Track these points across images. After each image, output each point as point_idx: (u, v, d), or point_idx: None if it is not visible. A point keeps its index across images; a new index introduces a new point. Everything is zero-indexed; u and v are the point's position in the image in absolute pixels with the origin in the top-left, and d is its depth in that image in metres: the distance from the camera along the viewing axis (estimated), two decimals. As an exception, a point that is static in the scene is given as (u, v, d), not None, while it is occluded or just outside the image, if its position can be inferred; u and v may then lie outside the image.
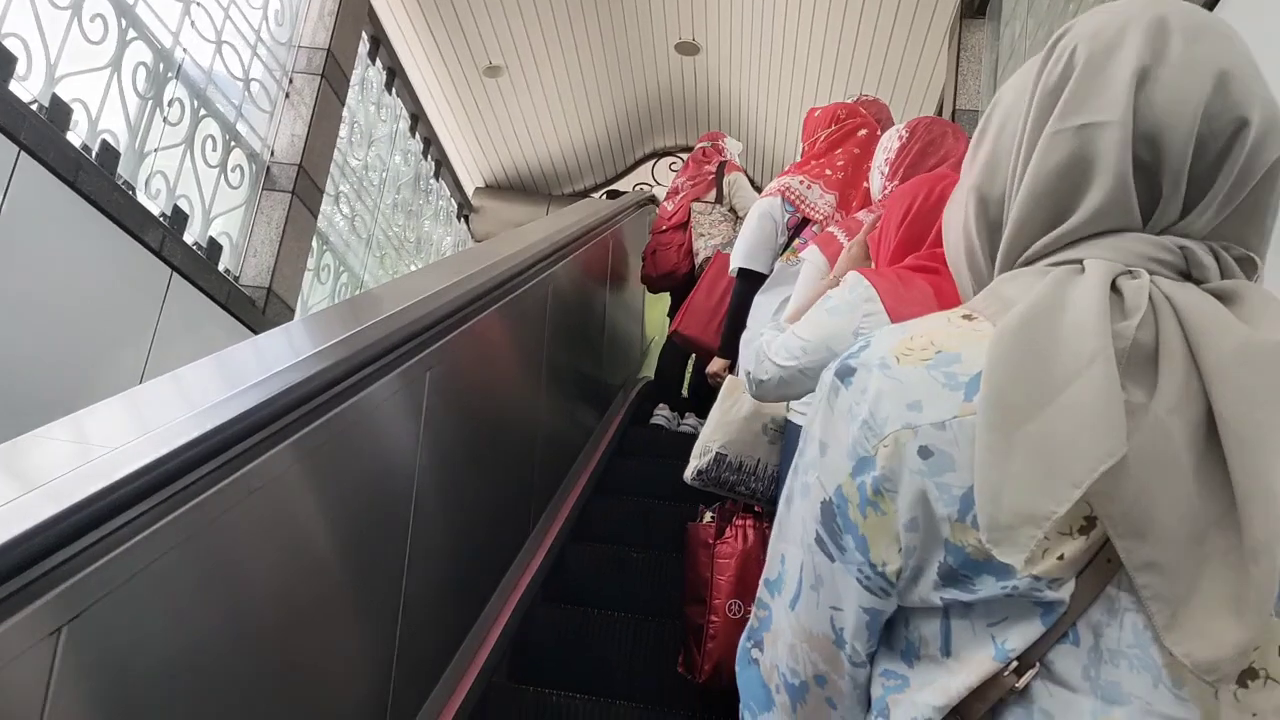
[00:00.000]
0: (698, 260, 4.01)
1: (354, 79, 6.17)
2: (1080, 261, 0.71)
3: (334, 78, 5.55)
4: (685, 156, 9.47)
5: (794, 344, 1.70)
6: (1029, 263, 0.76)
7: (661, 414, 4.50)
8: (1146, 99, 0.71)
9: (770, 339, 1.79)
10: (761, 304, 2.84)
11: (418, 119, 7.18)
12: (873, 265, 1.81)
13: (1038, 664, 0.66)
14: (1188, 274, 0.71)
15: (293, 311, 5.40)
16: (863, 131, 3.03)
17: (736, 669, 0.85)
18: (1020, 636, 0.67)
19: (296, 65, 5.44)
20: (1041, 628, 0.66)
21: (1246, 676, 0.64)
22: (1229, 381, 0.64)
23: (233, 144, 4.92)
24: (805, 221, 2.98)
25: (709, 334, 3.56)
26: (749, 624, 0.84)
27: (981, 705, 0.67)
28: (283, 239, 5.18)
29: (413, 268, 7.47)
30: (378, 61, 6.45)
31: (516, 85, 7.47)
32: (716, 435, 2.24)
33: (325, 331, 1.69)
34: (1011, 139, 0.78)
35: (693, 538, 2.47)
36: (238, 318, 4.74)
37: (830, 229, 2.35)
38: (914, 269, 1.68)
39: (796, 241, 2.91)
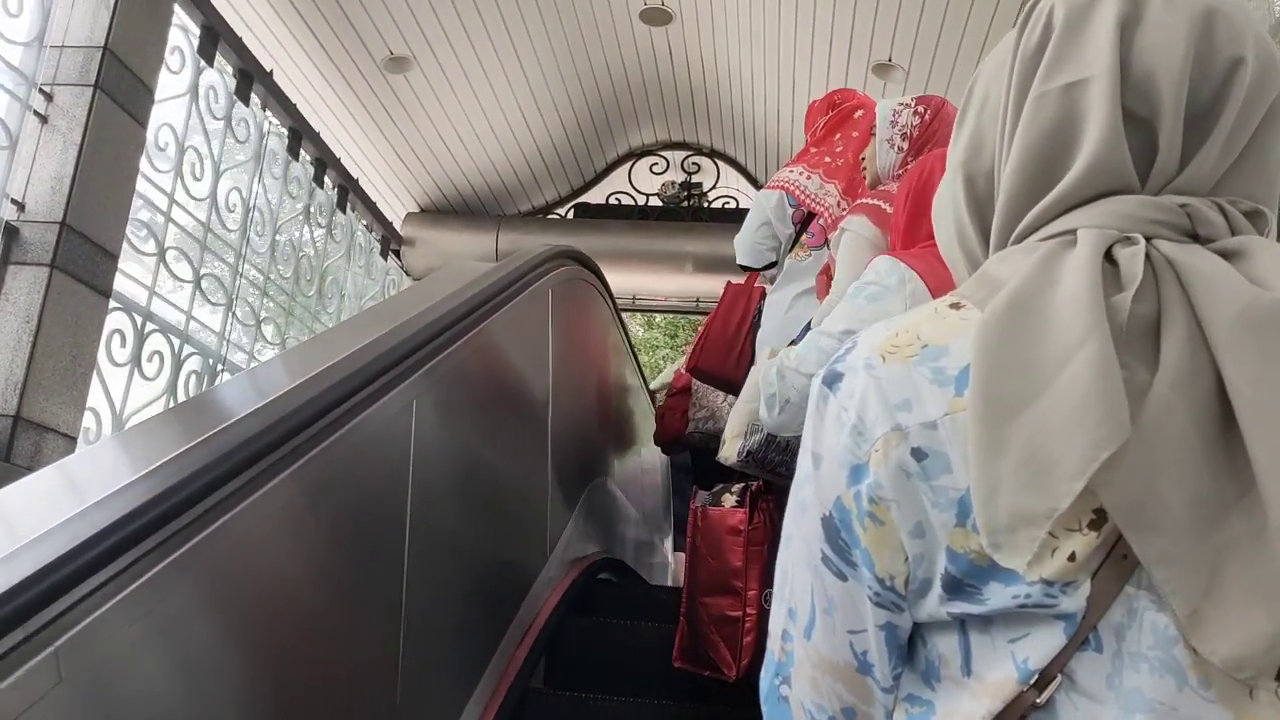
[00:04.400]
0: (688, 429, 3.59)
1: (175, 87, 4.41)
2: (1073, 232, 0.66)
3: (119, 87, 3.79)
4: (667, 156, 7.73)
5: (828, 344, 1.60)
6: (1021, 239, 0.71)
7: None
8: (1132, 48, 0.68)
9: (784, 354, 1.74)
10: (774, 302, 2.73)
11: (299, 135, 5.40)
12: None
13: (1060, 675, 0.62)
14: (1194, 234, 0.66)
15: (73, 441, 3.67)
16: (859, 113, 2.86)
17: (764, 709, 0.79)
18: (1041, 651, 0.62)
19: (59, 73, 3.68)
20: (1063, 639, 0.61)
21: None
22: (1238, 347, 0.59)
23: (-72, 200, 3.20)
24: (811, 215, 2.80)
25: (728, 367, 3.19)
26: (772, 658, 0.77)
27: None
28: (37, 336, 3.44)
29: (318, 328, 5.71)
30: (218, 61, 4.67)
31: (433, 79, 5.67)
32: None
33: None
34: (995, 112, 0.75)
35: (716, 523, 2.32)
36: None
37: (870, 200, 2.18)
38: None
39: (805, 236, 2.80)
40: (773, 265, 2.87)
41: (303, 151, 5.51)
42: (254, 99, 5.02)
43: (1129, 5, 0.69)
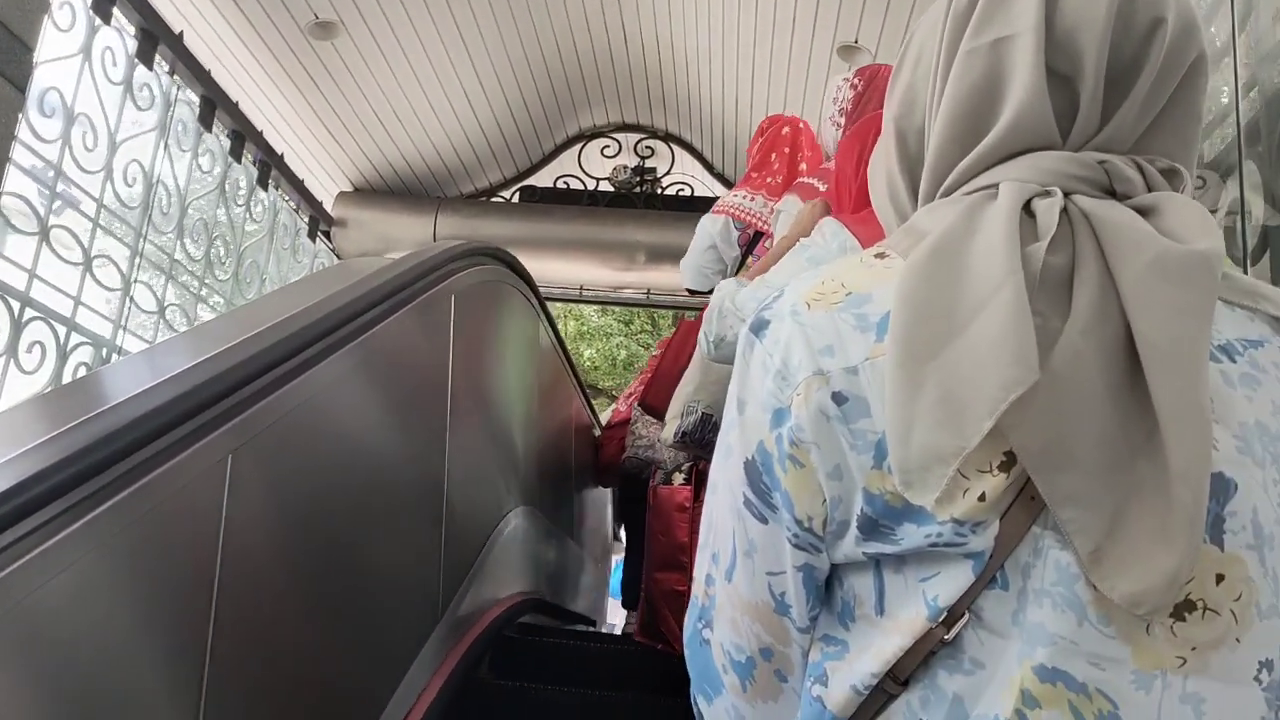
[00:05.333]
0: (624, 455, 3.79)
1: (64, 47, 3.95)
2: (996, 186, 0.69)
3: (-12, 44, 3.33)
4: (620, 139, 7.33)
5: (767, 296, 1.31)
6: (948, 193, 0.74)
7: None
8: (1057, 6, 0.70)
9: (733, 292, 1.75)
10: None
11: (213, 104, 4.93)
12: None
13: (967, 613, 0.64)
14: (1112, 190, 0.69)
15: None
16: (785, 129, 2.95)
17: (686, 652, 0.81)
18: (950, 589, 0.64)
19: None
20: (971, 577, 0.64)
21: (1183, 609, 0.62)
22: (1146, 295, 0.61)
23: None
24: (758, 236, 2.84)
25: None
26: (696, 602, 0.78)
27: (913, 660, 0.65)
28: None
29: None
30: (118, 19, 4.21)
31: (364, 48, 5.23)
32: (700, 395, 2.12)
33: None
34: (928, 69, 0.77)
35: (665, 501, 2.45)
36: None
37: (805, 180, 2.23)
38: None
39: (750, 259, 2.85)
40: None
41: (217, 123, 5.04)
42: (160, 63, 4.55)
43: None
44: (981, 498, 0.62)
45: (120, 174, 4.34)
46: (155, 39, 4.45)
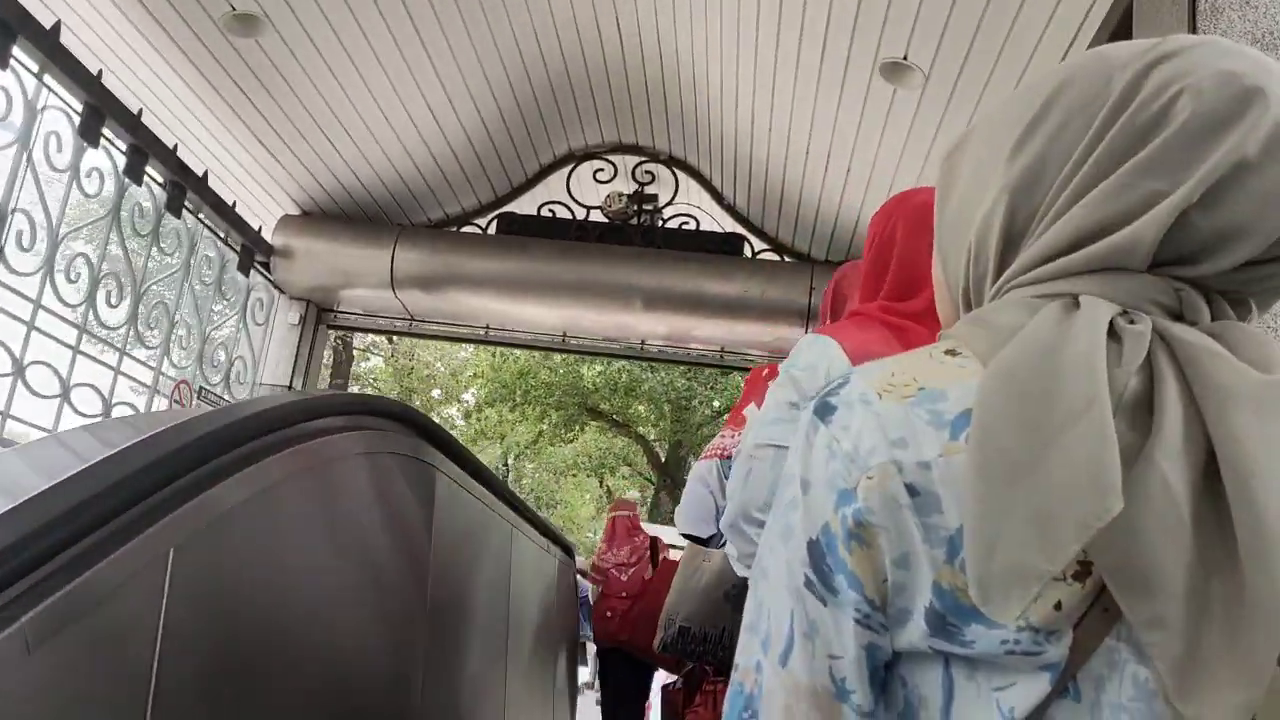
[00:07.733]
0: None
1: None
2: (1073, 296, 0.68)
3: None
4: (616, 161, 6.35)
5: (763, 429, 1.66)
6: (1023, 285, 0.72)
7: None
8: (1233, 185, 0.66)
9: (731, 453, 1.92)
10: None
11: (100, 114, 3.97)
12: None
13: None
14: (1179, 315, 0.68)
15: None
16: (764, 371, 2.77)
17: None
18: (1026, 701, 0.63)
19: None
20: (1047, 688, 0.63)
21: None
22: (1233, 424, 0.61)
23: None
24: None
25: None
26: (741, 688, 0.73)
27: None
28: None
29: (131, 368, 4.29)
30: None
31: (296, 45, 4.27)
32: (679, 608, 2.16)
33: None
34: (1066, 153, 0.71)
35: (666, 702, 2.57)
36: None
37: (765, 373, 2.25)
38: (879, 319, 1.56)
39: None
40: (717, 535, 2.60)
41: (109, 135, 4.08)
42: (19, 55, 3.59)
43: (1256, 149, 0.64)
44: (1057, 606, 0.61)
45: (-44, 201, 3.38)
46: (13, 31, 3.49)
